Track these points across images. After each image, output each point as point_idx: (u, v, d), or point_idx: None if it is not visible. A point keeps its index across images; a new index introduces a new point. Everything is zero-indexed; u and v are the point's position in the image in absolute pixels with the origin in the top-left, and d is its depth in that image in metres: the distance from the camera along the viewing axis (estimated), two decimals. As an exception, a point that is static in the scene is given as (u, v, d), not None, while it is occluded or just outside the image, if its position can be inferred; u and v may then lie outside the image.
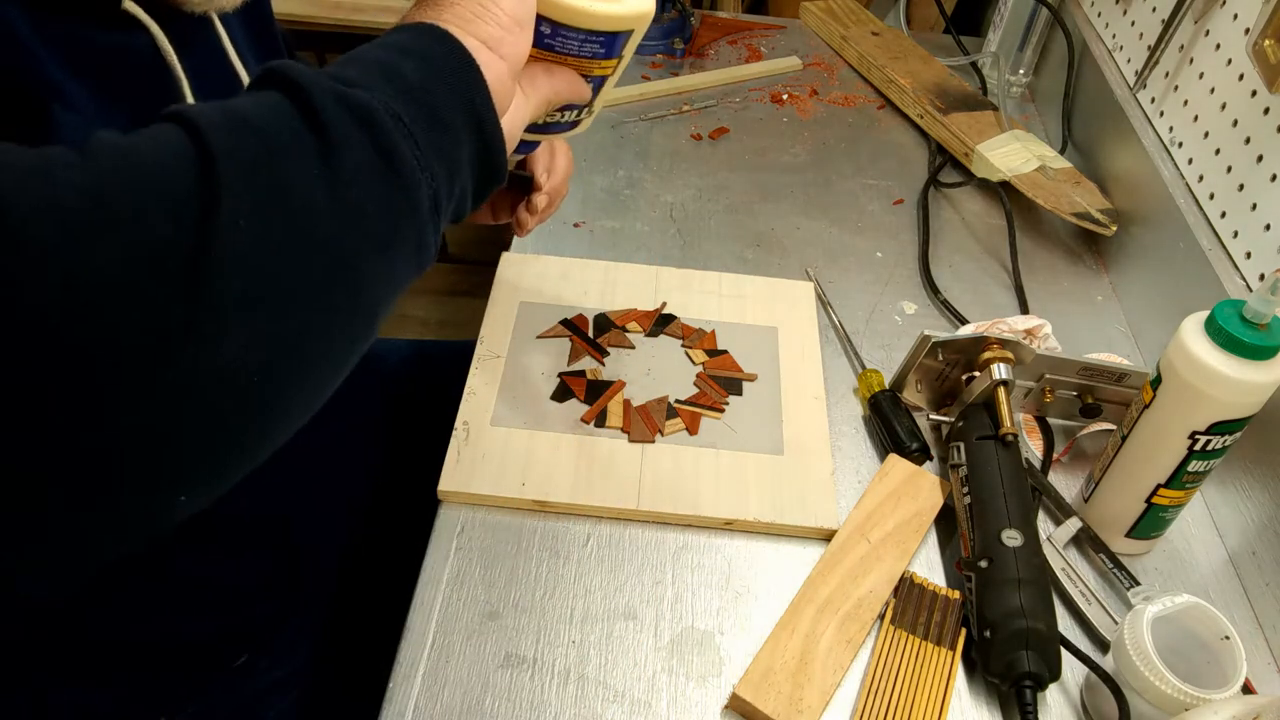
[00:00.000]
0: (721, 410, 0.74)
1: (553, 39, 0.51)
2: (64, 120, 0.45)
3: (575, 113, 0.57)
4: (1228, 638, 0.56)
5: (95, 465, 0.33)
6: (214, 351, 0.34)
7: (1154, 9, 0.95)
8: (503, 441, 0.70)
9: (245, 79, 0.59)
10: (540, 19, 0.50)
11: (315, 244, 0.37)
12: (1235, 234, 0.77)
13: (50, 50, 0.45)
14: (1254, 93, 0.77)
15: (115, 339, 0.32)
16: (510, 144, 0.48)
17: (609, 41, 0.53)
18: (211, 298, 0.34)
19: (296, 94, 0.38)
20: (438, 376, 0.91)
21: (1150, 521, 0.66)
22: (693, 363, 0.78)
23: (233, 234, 0.34)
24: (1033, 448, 0.75)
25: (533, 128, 0.56)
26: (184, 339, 0.33)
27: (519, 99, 0.49)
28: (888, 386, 0.77)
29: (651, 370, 0.77)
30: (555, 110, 0.56)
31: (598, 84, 0.56)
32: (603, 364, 0.77)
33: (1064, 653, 0.59)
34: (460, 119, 0.43)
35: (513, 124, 0.49)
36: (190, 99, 0.53)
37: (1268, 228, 0.73)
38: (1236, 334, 0.57)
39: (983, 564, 0.61)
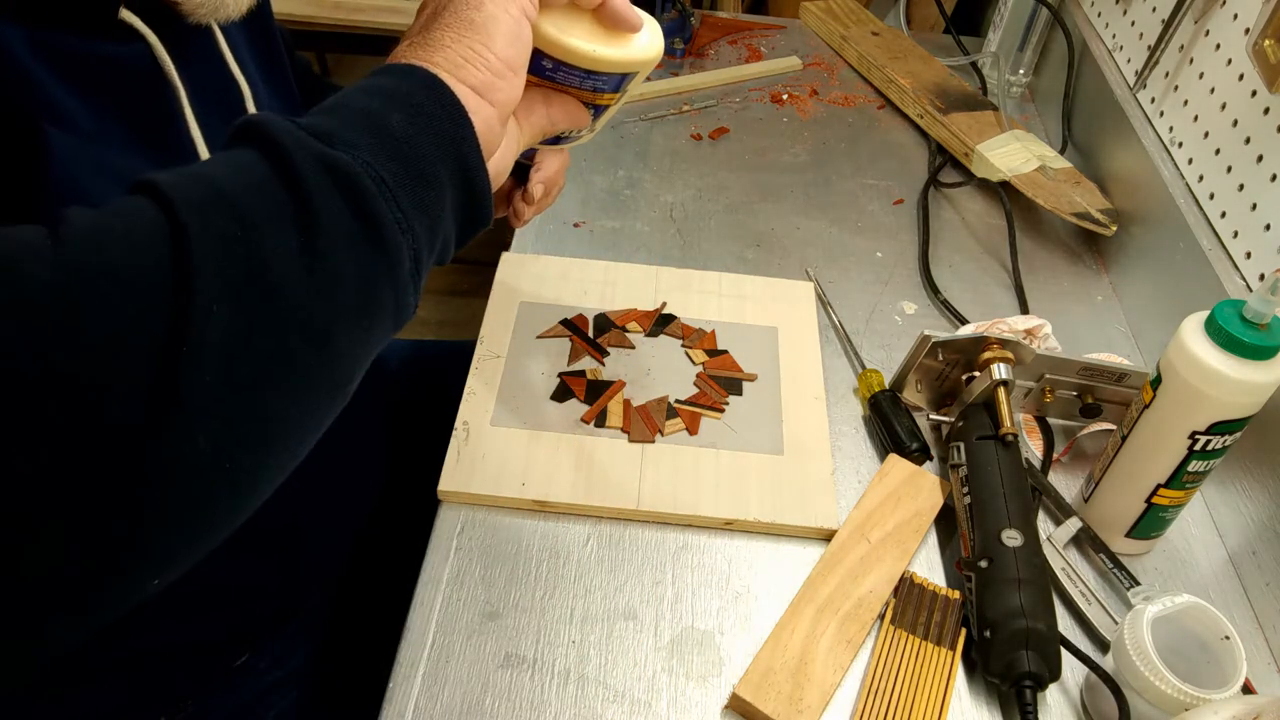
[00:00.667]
0: (721, 410, 0.74)
1: (554, 72, 0.50)
2: (58, 143, 0.45)
3: (576, 131, 0.57)
4: (1228, 638, 0.56)
5: (63, 557, 0.33)
6: (184, 444, 0.34)
7: (1154, 9, 0.95)
8: (503, 441, 0.70)
9: (244, 87, 0.59)
10: (542, 53, 0.49)
11: (290, 321, 0.37)
12: (1235, 234, 0.77)
13: (46, 64, 0.45)
14: (1254, 93, 0.77)
15: (81, 440, 0.32)
16: (498, 183, 0.48)
17: (612, 79, 0.52)
18: (182, 394, 0.33)
19: (277, 157, 0.38)
20: (438, 376, 0.91)
21: (1150, 521, 0.66)
22: (693, 363, 0.78)
23: (205, 323, 0.34)
24: (1033, 448, 0.75)
25: None
26: (153, 436, 0.33)
27: (512, 131, 0.49)
28: (888, 386, 0.77)
29: (651, 370, 0.77)
30: None
31: (599, 111, 0.55)
32: (603, 364, 0.77)
33: (1064, 653, 0.59)
34: (445, 171, 0.42)
35: (502, 160, 0.48)
36: (188, 109, 0.53)
37: (1268, 228, 0.73)
38: (1236, 334, 0.57)
39: (983, 564, 0.61)
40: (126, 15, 0.49)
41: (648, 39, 0.51)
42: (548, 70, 0.50)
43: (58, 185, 0.45)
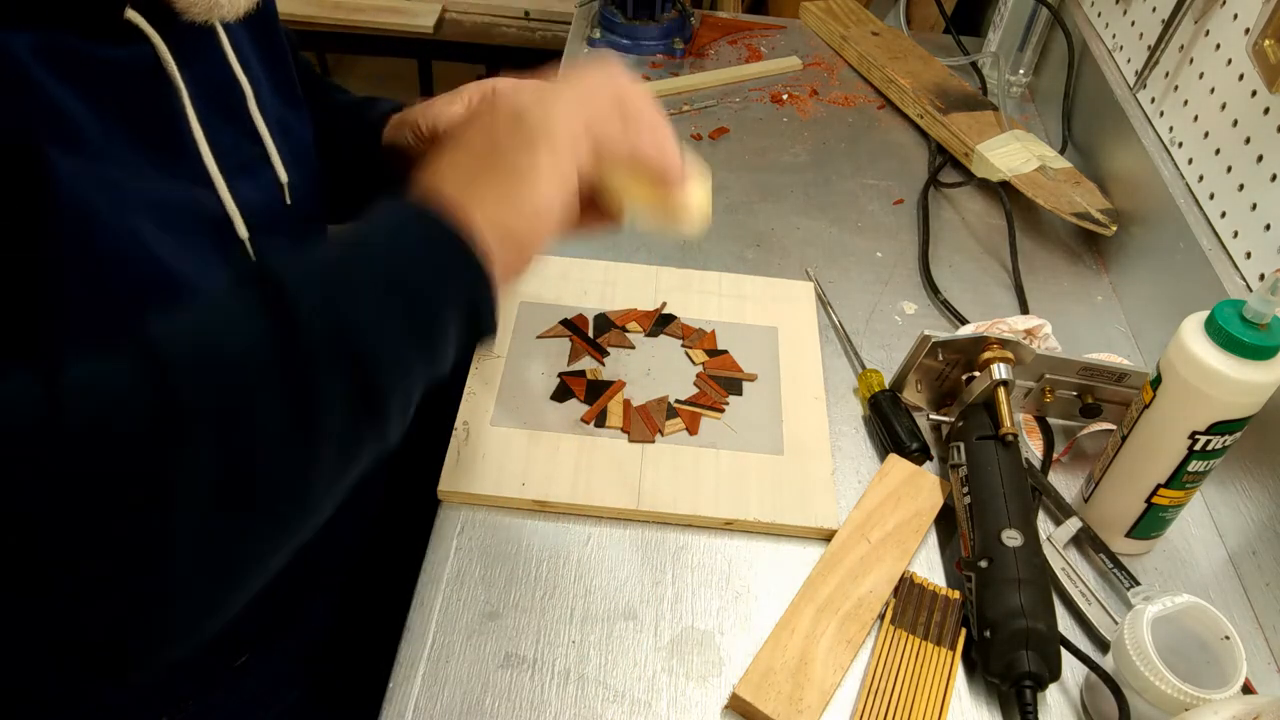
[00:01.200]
0: (721, 410, 0.74)
1: None
2: (62, 166, 0.45)
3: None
4: (1228, 638, 0.56)
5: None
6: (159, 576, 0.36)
7: (1154, 9, 0.95)
8: (502, 441, 0.70)
9: (247, 87, 0.59)
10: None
11: (276, 491, 0.39)
12: (1235, 234, 0.77)
13: (47, 66, 0.45)
14: (1254, 93, 0.77)
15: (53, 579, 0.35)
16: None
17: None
18: (159, 545, 0.36)
19: (288, 329, 0.39)
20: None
21: (1150, 521, 0.66)
22: (693, 363, 0.78)
23: (189, 489, 0.36)
24: (1033, 448, 0.75)
25: None
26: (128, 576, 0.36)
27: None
28: (888, 386, 0.77)
29: (651, 370, 0.77)
30: None
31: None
32: (603, 364, 0.77)
33: (1064, 653, 0.59)
34: (455, 331, 0.45)
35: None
36: (190, 110, 0.53)
37: (1268, 228, 0.73)
38: (1236, 334, 0.57)
39: (983, 564, 0.61)
40: (132, 15, 0.49)
41: (697, 198, 0.55)
42: None
43: (64, 203, 0.45)
